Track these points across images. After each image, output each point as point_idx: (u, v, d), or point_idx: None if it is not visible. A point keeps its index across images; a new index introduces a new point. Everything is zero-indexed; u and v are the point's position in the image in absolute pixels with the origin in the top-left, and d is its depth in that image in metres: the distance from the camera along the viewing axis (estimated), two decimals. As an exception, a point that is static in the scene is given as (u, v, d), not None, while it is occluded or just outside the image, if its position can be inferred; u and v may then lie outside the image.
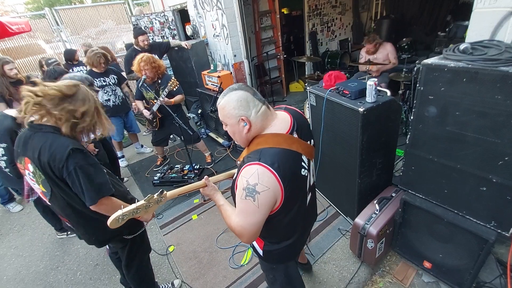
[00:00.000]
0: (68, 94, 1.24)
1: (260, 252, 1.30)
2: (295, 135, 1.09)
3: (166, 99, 2.94)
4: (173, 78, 2.94)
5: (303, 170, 1.09)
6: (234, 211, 1.08)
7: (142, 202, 1.09)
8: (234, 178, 1.17)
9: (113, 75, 3.33)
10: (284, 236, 1.24)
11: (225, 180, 1.41)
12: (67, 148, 1.21)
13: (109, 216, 1.06)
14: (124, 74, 4.18)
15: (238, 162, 1.18)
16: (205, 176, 1.28)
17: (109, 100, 3.34)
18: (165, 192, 1.15)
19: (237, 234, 1.07)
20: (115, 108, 3.40)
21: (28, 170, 1.32)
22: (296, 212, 1.16)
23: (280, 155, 1.00)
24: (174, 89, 2.94)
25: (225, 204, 1.17)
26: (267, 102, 1.11)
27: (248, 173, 0.98)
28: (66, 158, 1.20)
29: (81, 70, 3.74)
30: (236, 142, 1.18)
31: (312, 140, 1.20)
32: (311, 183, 1.27)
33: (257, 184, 0.96)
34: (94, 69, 3.21)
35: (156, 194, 1.13)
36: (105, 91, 3.30)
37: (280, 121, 1.09)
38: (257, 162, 0.97)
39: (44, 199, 1.39)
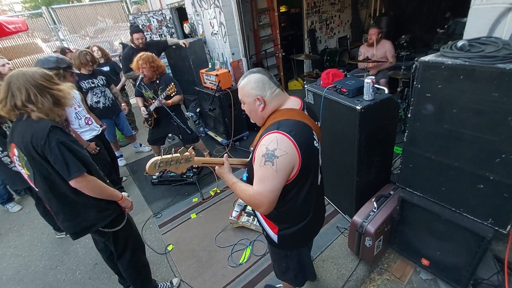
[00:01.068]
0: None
1: (275, 238, 1.31)
2: (306, 113, 1.19)
3: (163, 101, 2.93)
4: (172, 84, 2.92)
5: (315, 142, 1.16)
6: (248, 186, 1.14)
7: (176, 154, 1.16)
8: (251, 156, 1.22)
9: (101, 76, 3.26)
10: (299, 217, 1.27)
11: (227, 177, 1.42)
12: (48, 125, 1.30)
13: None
14: (121, 73, 4.19)
15: (251, 148, 1.24)
16: (225, 155, 1.34)
17: (98, 102, 3.28)
18: (194, 152, 1.22)
19: (256, 204, 1.10)
20: (105, 110, 3.35)
21: (14, 155, 1.39)
22: (310, 188, 1.21)
23: (296, 125, 1.09)
24: (172, 95, 2.94)
25: (238, 181, 1.21)
26: (281, 86, 1.22)
27: (267, 141, 1.05)
28: (47, 134, 1.28)
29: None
30: (252, 121, 1.28)
31: (319, 123, 1.28)
32: (320, 163, 1.33)
33: (276, 149, 1.03)
34: (81, 70, 3.11)
35: (188, 150, 1.20)
36: (94, 93, 3.23)
37: (292, 101, 1.21)
38: (275, 130, 1.06)
39: (31, 184, 1.44)
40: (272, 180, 1.05)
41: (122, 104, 3.60)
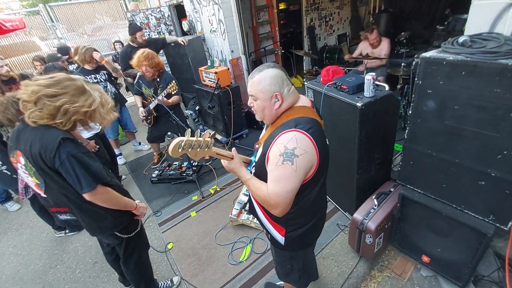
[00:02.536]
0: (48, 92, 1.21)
1: (282, 240, 1.28)
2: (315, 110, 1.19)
3: (164, 99, 2.92)
4: (173, 82, 2.91)
5: (326, 139, 1.17)
6: (264, 184, 1.10)
7: (199, 138, 1.09)
8: (260, 154, 1.17)
9: (103, 71, 3.26)
10: (308, 216, 1.25)
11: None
12: (58, 137, 1.22)
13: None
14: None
15: (257, 146, 1.21)
16: (233, 148, 1.28)
17: None
18: (213, 140, 1.15)
19: (271, 205, 1.07)
20: None
21: (20, 163, 1.33)
22: (321, 187, 1.21)
23: (312, 123, 1.07)
24: (173, 93, 2.93)
25: (253, 178, 1.16)
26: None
27: (285, 139, 1.02)
28: (57, 147, 1.21)
29: (74, 69, 3.67)
30: (258, 119, 1.21)
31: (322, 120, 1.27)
32: None
33: (295, 148, 1.00)
34: (86, 66, 3.13)
35: (210, 135, 1.14)
36: None
37: (303, 98, 1.19)
38: (294, 128, 1.03)
39: (39, 191, 1.40)
40: (291, 180, 1.02)
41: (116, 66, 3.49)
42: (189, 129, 1.18)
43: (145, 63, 2.88)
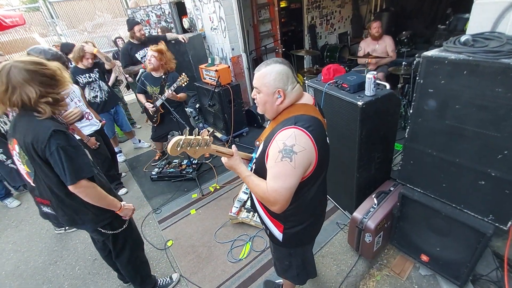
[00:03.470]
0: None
1: (280, 237, 1.29)
2: (317, 108, 1.19)
3: (173, 93, 2.92)
4: (183, 74, 2.91)
5: (327, 138, 1.17)
6: (262, 181, 1.11)
7: (198, 136, 1.10)
8: (260, 151, 1.18)
9: (96, 69, 3.21)
10: (307, 213, 1.25)
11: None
12: (50, 129, 1.27)
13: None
14: (120, 68, 4.15)
15: (257, 143, 1.22)
16: (234, 145, 1.29)
17: (96, 96, 3.24)
18: (212, 138, 1.15)
19: (270, 202, 1.08)
20: (102, 104, 3.32)
21: (15, 150, 1.39)
22: (320, 186, 1.21)
23: (312, 121, 1.08)
24: (183, 85, 2.92)
25: (252, 174, 1.17)
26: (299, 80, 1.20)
27: (284, 136, 1.03)
28: (48, 138, 1.26)
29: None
30: (260, 112, 1.22)
31: (325, 119, 1.27)
32: None
33: (294, 145, 1.01)
34: (79, 65, 3.07)
35: (208, 133, 1.15)
36: (92, 88, 3.19)
37: (306, 96, 1.19)
38: (293, 125, 1.04)
39: (29, 180, 1.44)
40: (290, 176, 1.03)
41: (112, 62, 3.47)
42: (187, 128, 1.18)
43: (155, 56, 2.94)
